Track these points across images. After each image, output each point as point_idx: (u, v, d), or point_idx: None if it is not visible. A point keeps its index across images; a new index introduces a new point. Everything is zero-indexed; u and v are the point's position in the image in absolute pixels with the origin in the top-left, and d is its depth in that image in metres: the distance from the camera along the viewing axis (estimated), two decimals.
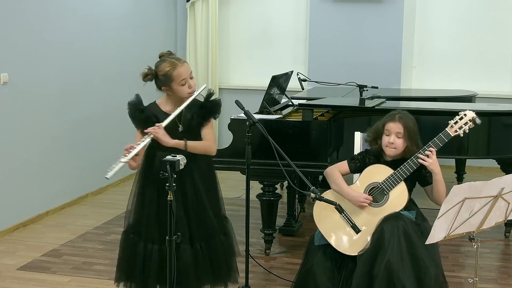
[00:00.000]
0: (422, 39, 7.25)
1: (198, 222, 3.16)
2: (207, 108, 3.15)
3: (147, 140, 3.00)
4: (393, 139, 3.30)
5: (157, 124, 3.02)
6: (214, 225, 3.20)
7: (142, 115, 3.12)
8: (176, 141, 3.05)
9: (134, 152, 2.94)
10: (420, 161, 3.23)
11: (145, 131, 3.02)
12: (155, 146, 3.09)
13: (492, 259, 4.52)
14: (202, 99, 3.21)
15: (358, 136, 3.82)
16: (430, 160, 3.21)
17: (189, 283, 3.14)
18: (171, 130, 3.08)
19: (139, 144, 2.98)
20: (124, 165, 2.93)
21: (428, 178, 3.32)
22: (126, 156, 2.92)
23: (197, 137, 3.16)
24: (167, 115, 3.09)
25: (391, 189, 3.27)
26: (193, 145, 3.09)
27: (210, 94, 3.18)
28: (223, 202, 3.36)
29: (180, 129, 3.12)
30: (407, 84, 7.23)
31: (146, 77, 3.10)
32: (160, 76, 3.08)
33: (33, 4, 5.22)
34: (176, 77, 3.06)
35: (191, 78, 3.12)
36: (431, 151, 3.23)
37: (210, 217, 3.19)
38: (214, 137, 3.17)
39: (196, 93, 3.12)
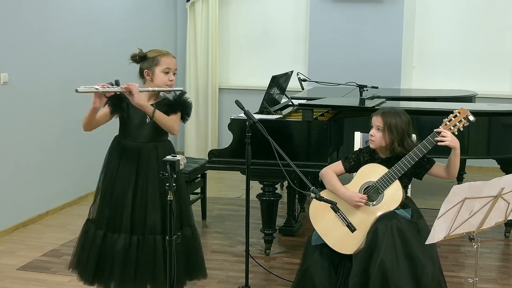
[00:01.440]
0: (422, 39, 7.25)
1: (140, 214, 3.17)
2: (176, 102, 3.19)
3: (121, 89, 3.04)
4: (373, 132, 3.32)
5: (134, 83, 3.09)
6: (155, 223, 3.16)
7: (116, 95, 3.13)
8: (147, 103, 3.10)
9: (108, 89, 3.00)
10: (439, 139, 3.15)
11: (123, 86, 3.04)
12: (120, 135, 3.22)
13: (492, 259, 4.52)
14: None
15: (358, 136, 3.82)
16: (448, 138, 3.16)
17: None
18: (140, 119, 3.17)
19: (114, 87, 3.03)
20: (90, 94, 3.00)
21: (425, 164, 3.31)
22: (102, 87, 3.00)
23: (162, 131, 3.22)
24: (134, 107, 3.13)
25: (386, 187, 3.27)
26: (160, 116, 3.10)
27: (182, 94, 3.22)
28: (191, 212, 3.34)
29: (148, 120, 3.16)
30: (407, 84, 7.23)
31: (134, 57, 3.20)
32: (148, 57, 3.18)
33: (33, 4, 5.21)
34: (162, 63, 3.17)
35: (174, 74, 3.22)
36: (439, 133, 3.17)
37: (155, 214, 3.17)
38: (178, 125, 3.21)
39: (172, 88, 3.19)
